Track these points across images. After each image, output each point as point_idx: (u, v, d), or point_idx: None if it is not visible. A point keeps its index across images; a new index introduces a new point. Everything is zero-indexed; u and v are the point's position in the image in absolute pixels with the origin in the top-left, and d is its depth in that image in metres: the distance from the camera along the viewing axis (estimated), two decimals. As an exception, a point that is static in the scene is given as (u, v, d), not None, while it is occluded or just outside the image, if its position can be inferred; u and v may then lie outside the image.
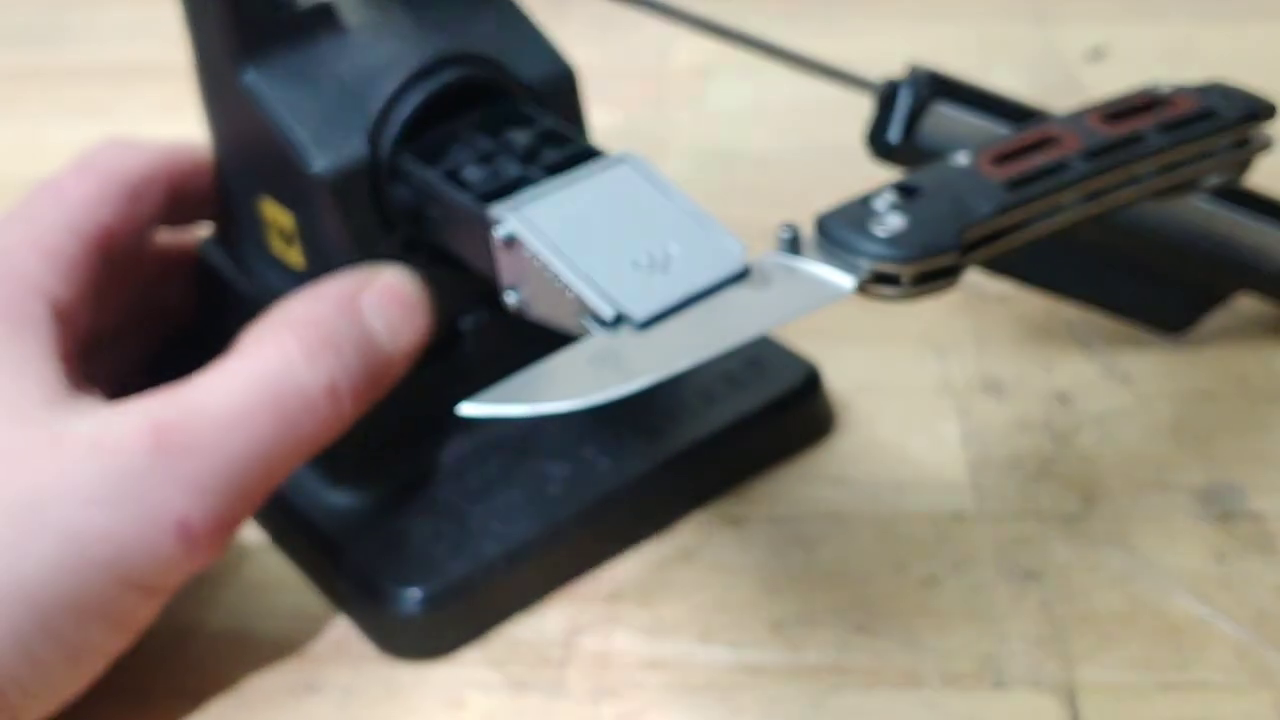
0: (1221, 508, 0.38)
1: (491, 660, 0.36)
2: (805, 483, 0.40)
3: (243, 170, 0.38)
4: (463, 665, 0.35)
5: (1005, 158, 0.33)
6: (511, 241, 0.32)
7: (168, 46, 0.37)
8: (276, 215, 0.37)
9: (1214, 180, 0.36)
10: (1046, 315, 0.46)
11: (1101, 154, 0.33)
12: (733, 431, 0.40)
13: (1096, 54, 0.63)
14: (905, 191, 0.32)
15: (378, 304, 0.35)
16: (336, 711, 0.34)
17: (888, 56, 0.64)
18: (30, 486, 0.30)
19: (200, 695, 0.35)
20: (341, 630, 0.37)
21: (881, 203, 0.32)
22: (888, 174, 0.57)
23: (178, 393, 0.32)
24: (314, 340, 0.34)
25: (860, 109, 0.43)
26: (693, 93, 0.62)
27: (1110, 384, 0.43)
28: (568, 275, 0.31)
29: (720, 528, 0.39)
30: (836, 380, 0.43)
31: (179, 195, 0.39)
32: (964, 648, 0.35)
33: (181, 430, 0.31)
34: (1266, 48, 0.63)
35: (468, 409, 0.30)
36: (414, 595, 0.35)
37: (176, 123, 0.39)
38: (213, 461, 0.32)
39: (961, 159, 0.33)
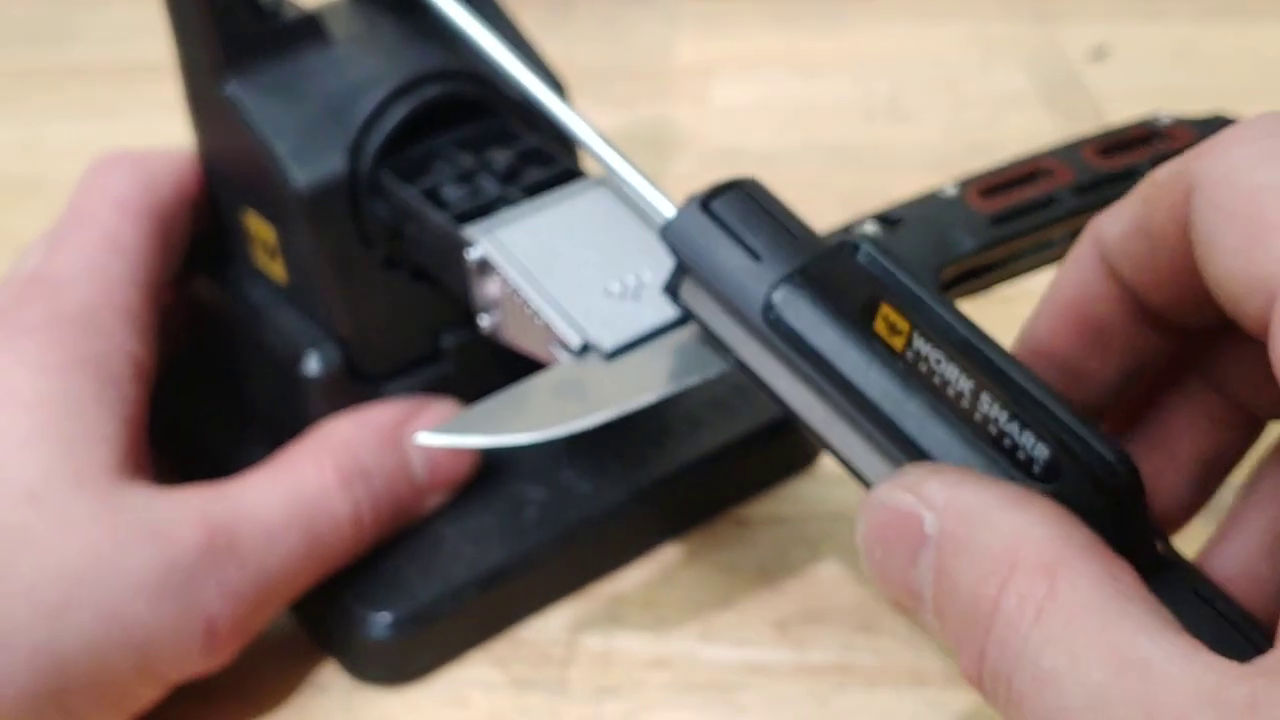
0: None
1: (494, 659, 0.36)
2: (809, 482, 0.40)
3: (227, 181, 0.38)
4: (466, 663, 0.35)
5: (994, 190, 0.32)
6: (484, 265, 0.32)
7: (170, 46, 0.37)
8: (259, 228, 0.37)
9: None
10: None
11: (1093, 189, 0.32)
12: (717, 459, 0.39)
13: (1098, 53, 0.63)
14: (887, 223, 0.32)
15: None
16: (342, 710, 0.34)
17: (890, 55, 0.64)
18: (82, 557, 0.30)
19: (206, 694, 0.35)
20: (345, 629, 0.37)
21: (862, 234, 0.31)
22: (887, 176, 0.57)
23: (227, 493, 0.33)
24: (350, 468, 0.34)
25: (861, 109, 0.42)
26: (695, 92, 0.62)
27: (1113, 383, 0.43)
28: (537, 301, 0.31)
29: (724, 526, 0.39)
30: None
31: (194, 215, 0.39)
32: (967, 647, 0.35)
33: (228, 533, 0.32)
34: (1268, 48, 0.63)
35: (424, 439, 0.30)
36: (383, 619, 0.34)
37: (178, 122, 0.38)
38: (249, 569, 0.32)
39: (950, 189, 0.33)
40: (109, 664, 0.30)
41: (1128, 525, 0.23)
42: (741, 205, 0.27)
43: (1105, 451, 0.22)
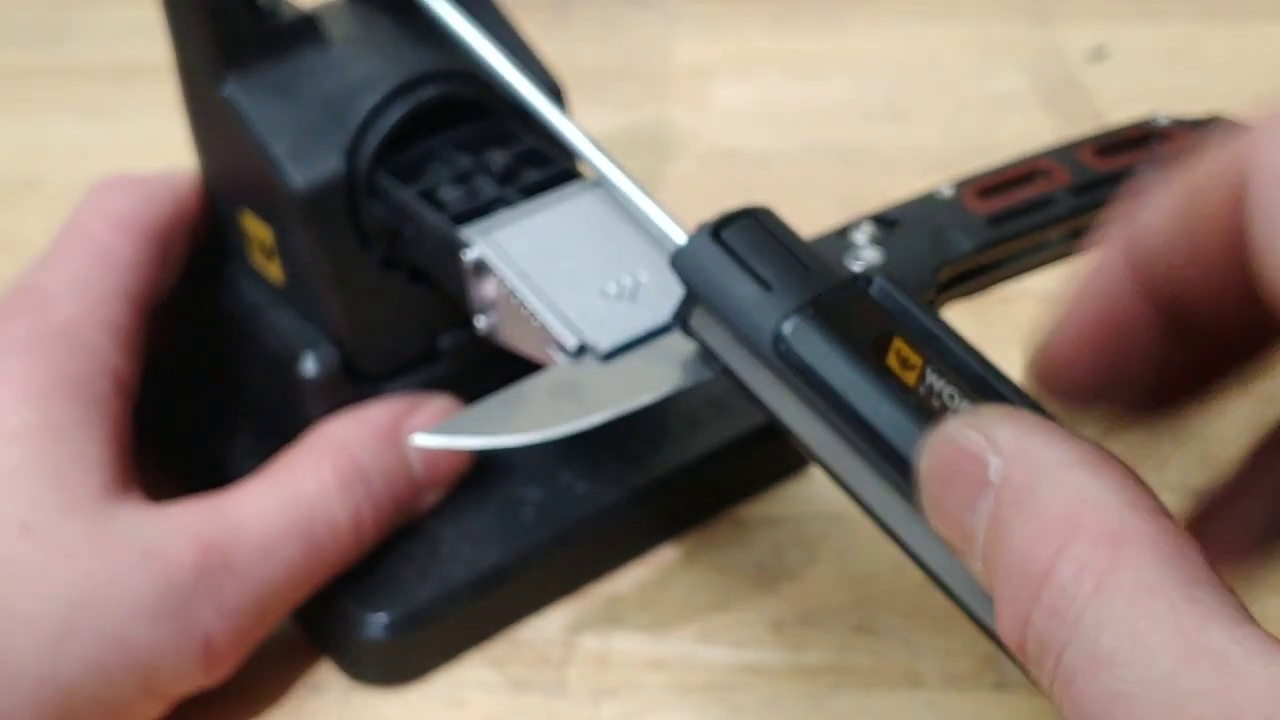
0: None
1: (492, 660, 0.36)
2: (806, 483, 0.40)
3: (224, 182, 0.38)
4: (463, 664, 0.35)
5: (991, 191, 0.32)
6: (480, 266, 0.32)
7: (168, 46, 0.37)
8: (256, 229, 0.37)
9: None
10: (1045, 315, 0.46)
11: (1090, 190, 0.32)
12: (714, 460, 0.38)
13: (1098, 54, 0.63)
14: (884, 224, 0.32)
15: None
16: (339, 711, 0.34)
17: (888, 56, 0.64)
18: (79, 585, 0.30)
19: (202, 694, 0.35)
20: (342, 630, 0.37)
21: (860, 235, 0.31)
22: (886, 177, 0.57)
23: (220, 507, 0.33)
24: (349, 470, 0.34)
25: (859, 111, 0.43)
26: (694, 94, 0.62)
27: (1111, 384, 0.43)
28: (533, 302, 0.31)
29: (721, 527, 0.39)
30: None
31: (193, 235, 0.39)
32: (964, 648, 0.35)
33: (222, 550, 0.32)
34: (1267, 48, 0.63)
35: (421, 440, 0.30)
36: (379, 620, 0.34)
37: (177, 123, 0.38)
38: (246, 584, 0.32)
39: (946, 190, 0.33)
40: (113, 687, 0.31)
41: None
42: (753, 234, 0.27)
43: None
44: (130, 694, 0.31)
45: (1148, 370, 0.26)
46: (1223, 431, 0.41)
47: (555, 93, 0.37)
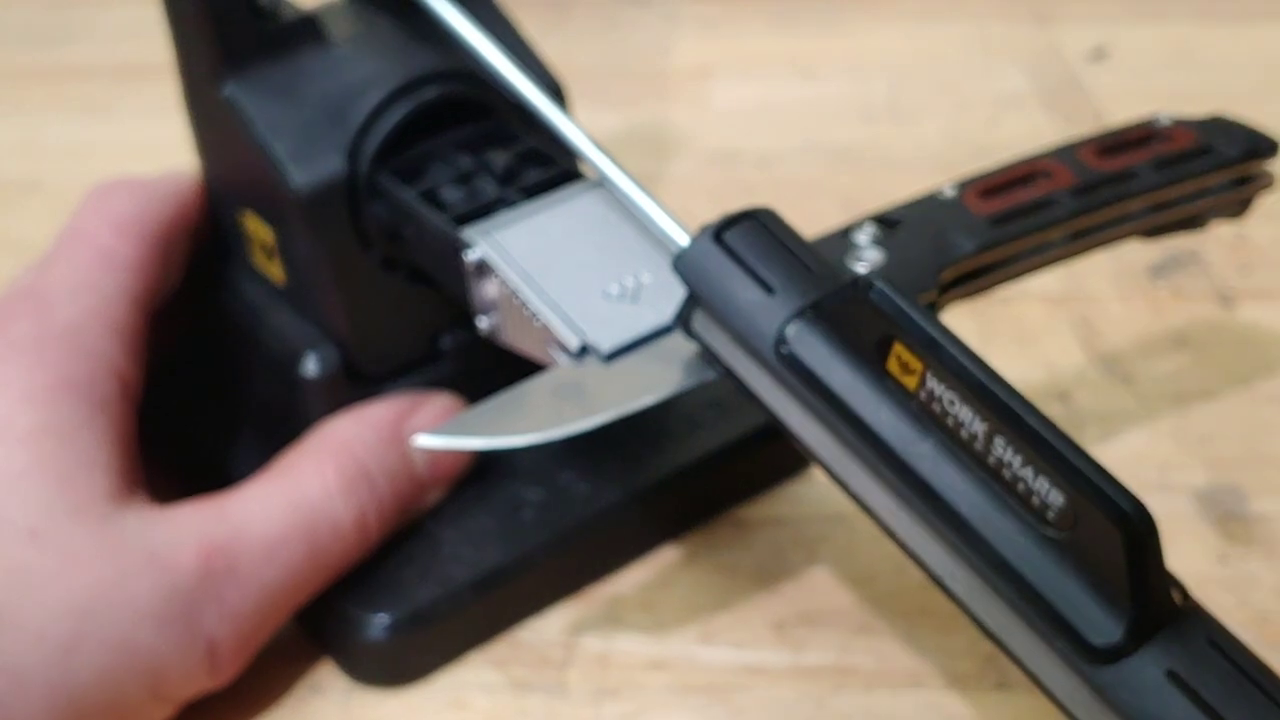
0: (1223, 509, 0.38)
1: (493, 660, 0.36)
2: (806, 483, 0.40)
3: (225, 183, 0.38)
4: (465, 665, 0.35)
5: (993, 191, 0.32)
6: (482, 266, 0.32)
7: (168, 46, 0.37)
8: (257, 229, 0.37)
9: (1214, 218, 0.35)
10: (1047, 315, 0.46)
11: (1092, 190, 0.32)
12: (715, 461, 0.38)
13: (1098, 54, 0.63)
14: (886, 224, 0.32)
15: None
16: (339, 712, 0.34)
17: (888, 56, 0.64)
18: (87, 592, 0.30)
19: (203, 695, 0.35)
20: (343, 630, 0.37)
21: (862, 236, 0.31)
22: (887, 177, 0.57)
23: (223, 509, 0.33)
24: (352, 470, 0.34)
25: (860, 110, 0.42)
26: (694, 93, 0.62)
27: (1111, 384, 0.43)
28: (535, 303, 0.31)
29: (722, 528, 0.39)
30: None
31: (194, 236, 0.39)
32: (966, 648, 0.35)
33: (226, 554, 0.32)
34: (1268, 48, 0.63)
35: (423, 441, 0.30)
36: (380, 621, 0.34)
37: (177, 124, 0.38)
38: (250, 588, 0.32)
39: (948, 191, 0.33)
40: (122, 692, 0.31)
41: (1144, 575, 0.22)
42: (755, 236, 0.27)
43: (1121, 500, 0.22)
44: (138, 698, 0.31)
45: None
46: (1225, 430, 0.42)
47: (556, 92, 0.37)
